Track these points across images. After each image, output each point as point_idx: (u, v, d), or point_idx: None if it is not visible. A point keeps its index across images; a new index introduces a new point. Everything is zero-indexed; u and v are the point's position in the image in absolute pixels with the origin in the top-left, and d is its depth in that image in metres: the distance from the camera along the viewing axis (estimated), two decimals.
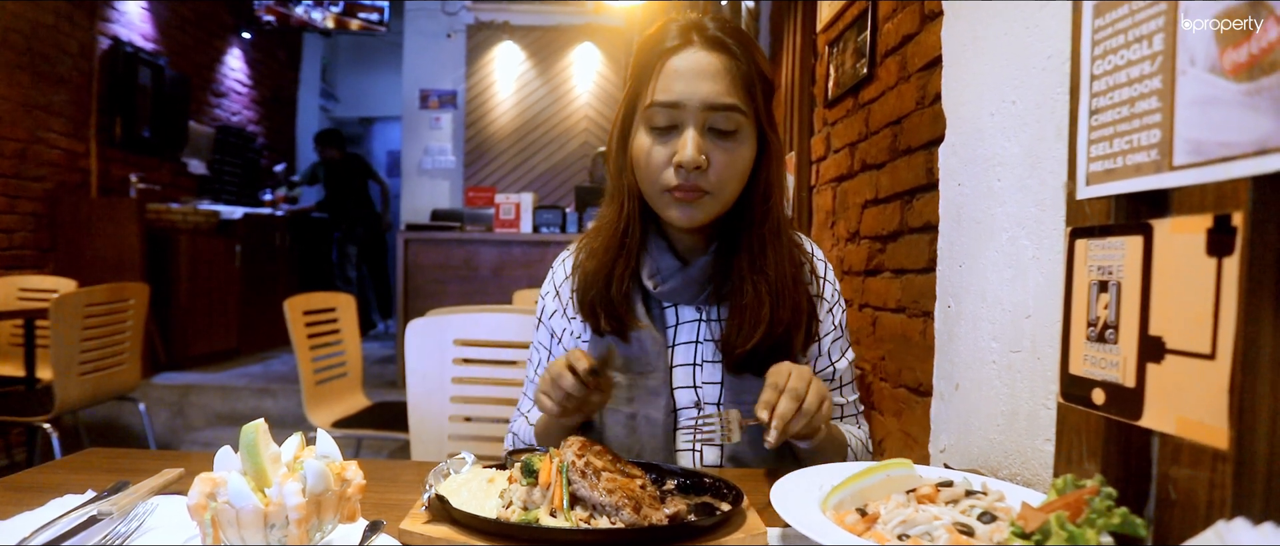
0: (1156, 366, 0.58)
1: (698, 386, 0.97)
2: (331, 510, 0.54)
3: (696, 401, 0.97)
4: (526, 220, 4.39)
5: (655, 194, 0.92)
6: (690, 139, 0.87)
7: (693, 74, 0.88)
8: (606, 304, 0.95)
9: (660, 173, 0.89)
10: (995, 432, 0.91)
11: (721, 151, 0.89)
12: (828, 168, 2.51)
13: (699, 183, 0.88)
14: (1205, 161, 0.54)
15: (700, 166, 0.87)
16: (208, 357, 4.90)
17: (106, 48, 4.63)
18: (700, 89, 0.87)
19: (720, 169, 0.89)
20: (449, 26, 6.33)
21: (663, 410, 0.95)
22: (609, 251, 0.95)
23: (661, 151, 0.89)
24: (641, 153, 0.91)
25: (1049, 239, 0.82)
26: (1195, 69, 0.55)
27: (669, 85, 0.88)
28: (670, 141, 0.89)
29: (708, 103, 0.87)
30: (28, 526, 0.63)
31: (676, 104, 0.88)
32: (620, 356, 0.96)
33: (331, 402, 2.59)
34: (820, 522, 0.61)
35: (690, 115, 0.88)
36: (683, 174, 0.88)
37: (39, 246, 4.16)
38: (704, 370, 0.97)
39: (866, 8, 2.08)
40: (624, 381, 0.96)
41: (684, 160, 0.86)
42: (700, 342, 0.97)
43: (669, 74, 0.88)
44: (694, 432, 0.85)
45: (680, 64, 0.88)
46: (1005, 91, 0.91)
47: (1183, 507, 0.56)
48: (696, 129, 0.87)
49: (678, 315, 0.99)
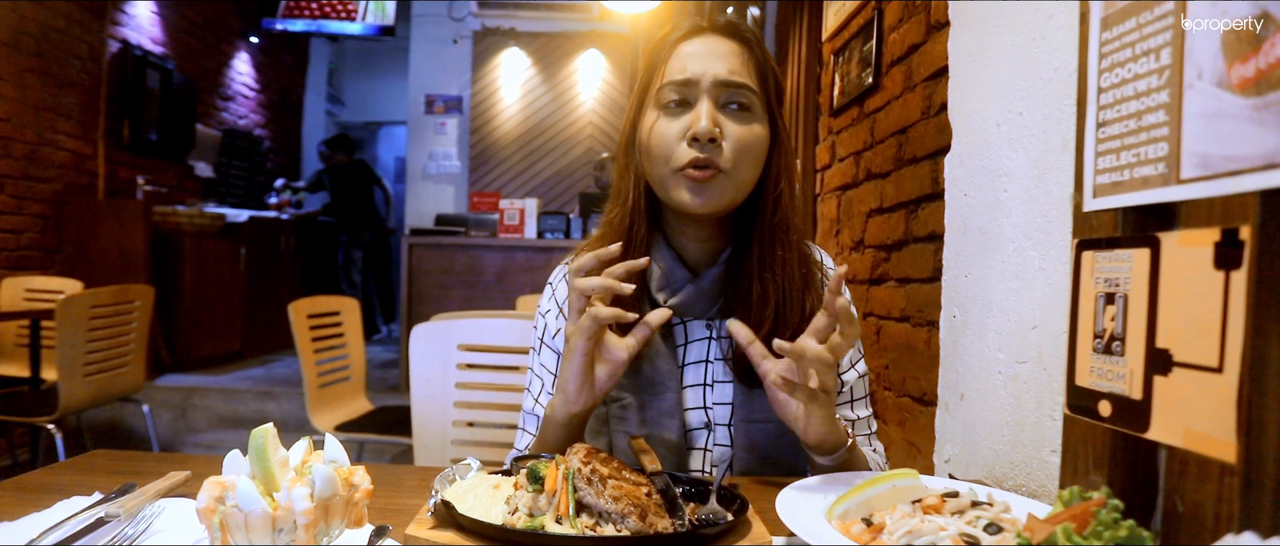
0: (1164, 379, 0.58)
1: (708, 407, 0.93)
2: (339, 515, 0.54)
3: (707, 422, 0.92)
4: (531, 225, 4.40)
5: (666, 176, 0.87)
6: (704, 110, 0.84)
7: (706, 53, 0.86)
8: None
9: (672, 149, 0.86)
10: (1001, 443, 0.91)
11: (735, 125, 0.86)
12: (832, 176, 2.52)
13: (713, 157, 0.84)
14: (1212, 175, 0.54)
15: (714, 137, 0.84)
16: (211, 360, 4.91)
17: (116, 51, 4.66)
18: (714, 66, 0.85)
19: (735, 143, 0.85)
20: (455, 32, 6.37)
21: (676, 432, 0.90)
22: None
23: (673, 126, 0.86)
24: (652, 133, 0.87)
25: (1055, 250, 0.82)
26: (1202, 83, 0.55)
27: (682, 64, 0.86)
28: (683, 116, 0.86)
29: (721, 79, 0.85)
30: (36, 528, 0.63)
31: (690, 80, 0.86)
32: (631, 378, 0.91)
33: (335, 406, 2.59)
34: (826, 531, 0.61)
35: (703, 90, 0.85)
36: (697, 146, 0.84)
37: (46, 247, 4.18)
38: (715, 390, 0.93)
39: (872, 17, 2.09)
40: (635, 403, 0.92)
41: (698, 130, 0.83)
42: (711, 362, 0.93)
43: (682, 55, 0.87)
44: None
45: (693, 46, 0.87)
46: (1012, 102, 0.92)
47: (1190, 521, 0.56)
48: (711, 101, 0.85)
49: (687, 333, 0.95)
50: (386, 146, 9.34)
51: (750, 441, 0.90)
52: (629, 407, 0.92)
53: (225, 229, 5.06)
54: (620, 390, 0.92)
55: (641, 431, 0.91)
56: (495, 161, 6.43)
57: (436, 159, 6.47)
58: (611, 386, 0.83)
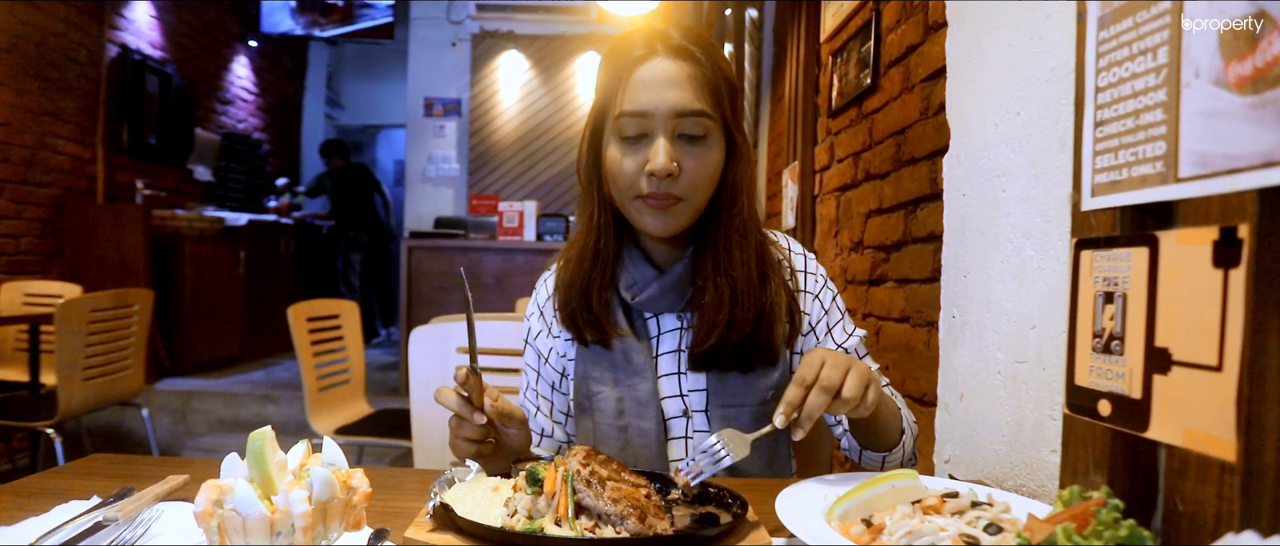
0: (1163, 378, 0.58)
1: (685, 394, 0.97)
2: (337, 518, 0.54)
3: (684, 410, 0.97)
4: (530, 228, 4.40)
5: (628, 202, 0.92)
6: (661, 147, 0.88)
7: (660, 83, 0.89)
8: (587, 315, 0.96)
9: (633, 181, 0.90)
10: (1000, 443, 0.91)
11: (691, 157, 0.90)
12: (831, 177, 2.52)
13: (671, 189, 0.89)
14: (1210, 173, 0.54)
15: (671, 173, 0.88)
16: (211, 363, 4.91)
17: (115, 55, 4.66)
18: (668, 97, 0.88)
19: (691, 175, 0.90)
20: (454, 35, 6.37)
21: (654, 420, 0.95)
22: (584, 262, 0.96)
23: (632, 161, 0.90)
24: (613, 164, 0.91)
25: (1054, 249, 0.82)
26: (1200, 81, 0.55)
27: (636, 95, 0.89)
28: (640, 150, 0.90)
29: (676, 110, 0.88)
30: (34, 532, 0.63)
31: (645, 113, 0.88)
32: (602, 367, 0.97)
33: (334, 409, 2.59)
34: (825, 532, 0.61)
35: (659, 123, 0.88)
36: (654, 182, 0.89)
37: (45, 252, 4.18)
38: (688, 378, 0.97)
39: (870, 18, 2.09)
40: (613, 394, 0.96)
41: (655, 169, 0.87)
42: (682, 352, 0.98)
43: (636, 84, 0.89)
44: (691, 467, 0.78)
45: (646, 74, 0.89)
46: (1010, 102, 0.92)
47: (1190, 520, 0.56)
48: (666, 137, 0.88)
49: (659, 325, 0.99)
50: (385, 150, 9.34)
51: (728, 426, 0.91)
52: (606, 399, 0.96)
53: (224, 232, 5.06)
54: (597, 383, 0.97)
55: (620, 421, 0.95)
56: (494, 164, 6.44)
57: (435, 162, 6.47)
58: (526, 437, 0.91)
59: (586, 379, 0.98)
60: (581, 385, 0.98)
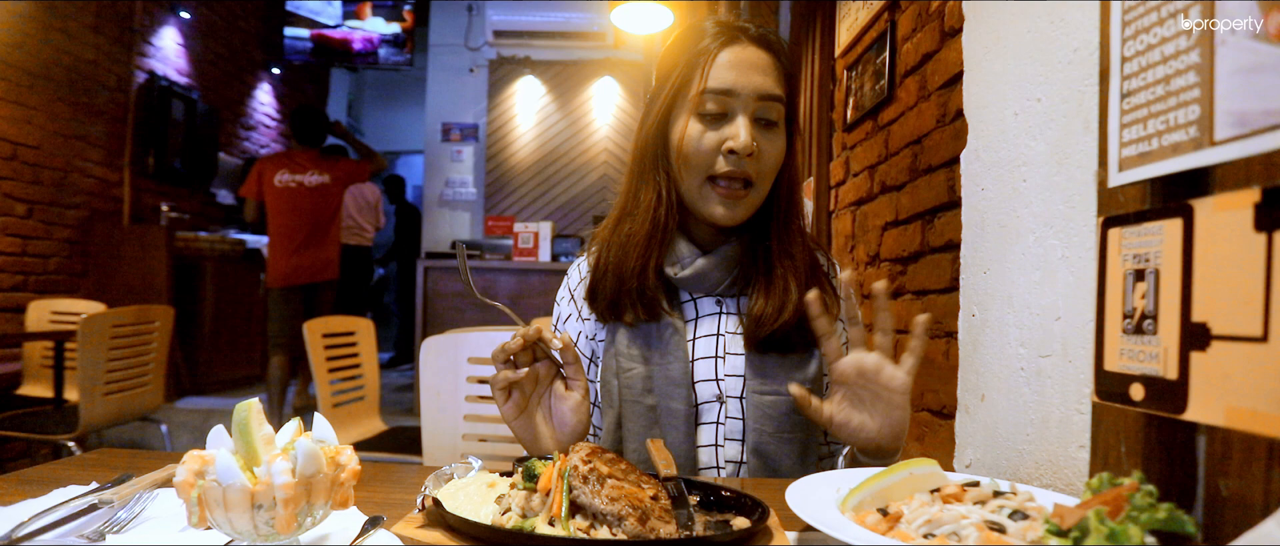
0: (1201, 355, 0.54)
1: (720, 379, 0.96)
2: (323, 494, 0.51)
3: (719, 394, 0.96)
4: (545, 248, 4.41)
5: (697, 186, 0.94)
6: (743, 125, 0.90)
7: (746, 65, 0.92)
8: (642, 293, 0.95)
9: (708, 158, 0.92)
10: (1024, 442, 0.87)
11: (767, 141, 0.93)
12: (847, 192, 2.49)
13: (747, 170, 0.91)
14: (1250, 132, 0.51)
15: (752, 152, 0.90)
16: (231, 382, 4.93)
17: (142, 81, 4.78)
18: (753, 79, 0.91)
19: (766, 158, 0.93)
20: (471, 62, 6.46)
21: (684, 402, 0.94)
22: (644, 239, 0.95)
23: (712, 136, 0.92)
24: (691, 140, 0.92)
25: (1079, 235, 0.78)
26: (1236, 37, 0.52)
27: (721, 74, 0.91)
28: (720, 128, 0.92)
29: (759, 92, 0.91)
30: (28, 512, 0.62)
31: (730, 91, 0.91)
32: (637, 347, 0.97)
33: (348, 426, 2.57)
34: (841, 523, 0.58)
35: (742, 104, 0.91)
36: (734, 160, 0.91)
37: (72, 272, 4.25)
38: (727, 362, 0.97)
39: (886, 29, 2.08)
40: (644, 372, 0.96)
41: (739, 146, 0.89)
42: (722, 335, 0.98)
43: (722, 64, 0.92)
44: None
45: (732, 56, 0.92)
46: (1030, 89, 0.89)
47: (1235, 506, 0.52)
48: (747, 116, 0.91)
49: (697, 308, 1.00)
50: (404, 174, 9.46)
51: (762, 412, 0.93)
52: (636, 377, 0.96)
53: (245, 254, 5.11)
54: (627, 360, 0.97)
55: (648, 400, 0.95)
56: (510, 188, 6.48)
57: (453, 186, 6.53)
58: (584, 417, 0.87)
59: (618, 356, 0.97)
60: (611, 362, 0.98)
